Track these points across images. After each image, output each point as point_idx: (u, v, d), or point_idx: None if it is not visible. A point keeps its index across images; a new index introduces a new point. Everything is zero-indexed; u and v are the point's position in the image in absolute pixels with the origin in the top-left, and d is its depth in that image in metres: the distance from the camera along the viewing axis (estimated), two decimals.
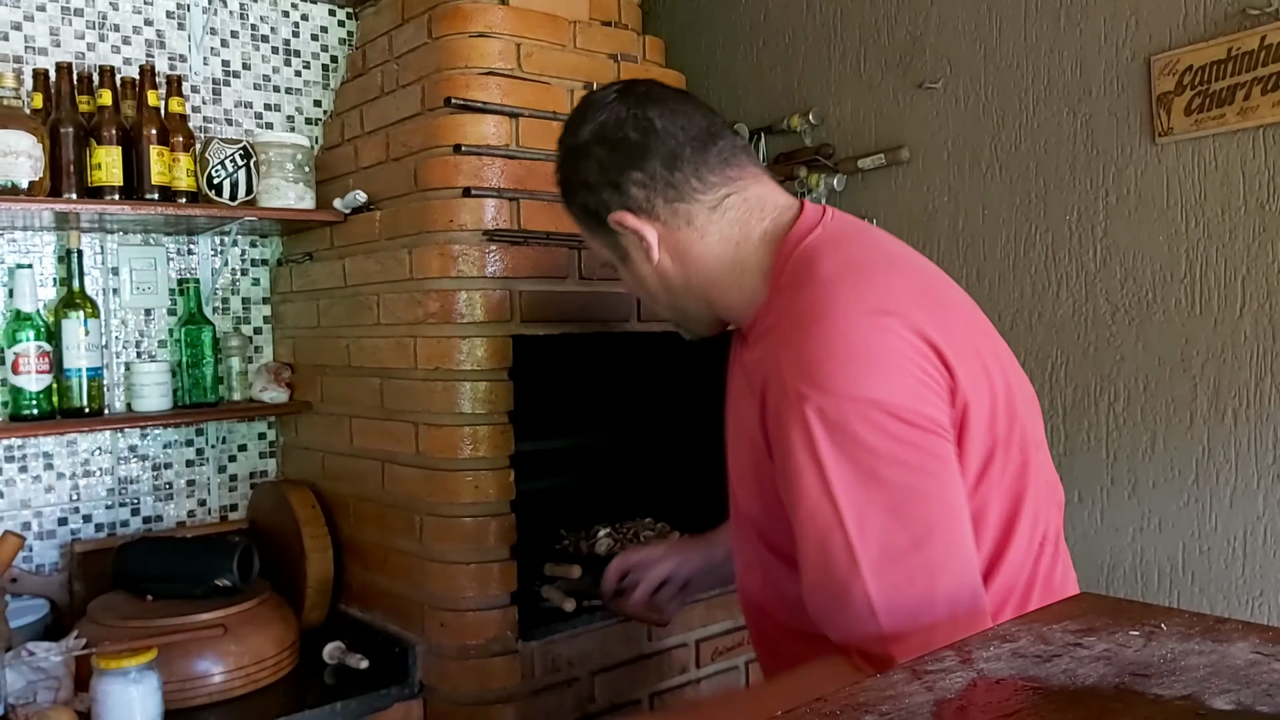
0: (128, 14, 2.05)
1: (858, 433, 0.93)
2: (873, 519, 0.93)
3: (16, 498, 1.92)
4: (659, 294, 1.18)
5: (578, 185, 1.16)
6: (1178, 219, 1.71)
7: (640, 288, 1.20)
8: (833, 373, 0.94)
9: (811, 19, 2.29)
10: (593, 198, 1.14)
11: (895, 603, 0.93)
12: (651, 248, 1.13)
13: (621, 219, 1.12)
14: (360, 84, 2.14)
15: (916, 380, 0.96)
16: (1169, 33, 1.70)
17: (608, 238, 1.16)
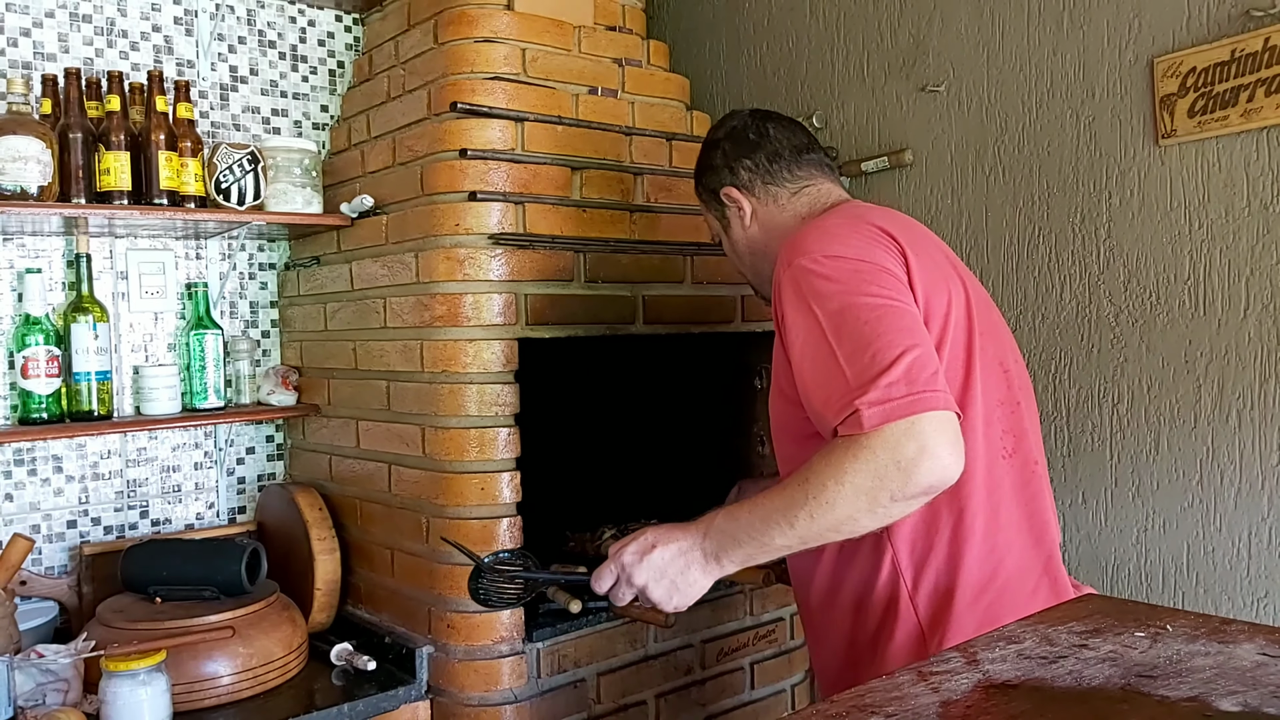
0: (136, 20, 2.06)
1: (829, 272, 1.20)
2: (844, 324, 1.15)
3: (26, 500, 1.93)
4: (746, 256, 1.51)
5: (705, 169, 1.52)
6: (1181, 221, 1.71)
7: (734, 251, 1.53)
8: (809, 244, 1.25)
9: (815, 23, 2.29)
10: (714, 178, 1.50)
11: (863, 375, 1.11)
12: (746, 215, 1.48)
13: (729, 192, 1.48)
14: (367, 89, 2.15)
15: (878, 247, 1.25)
16: (1172, 35, 1.70)
17: (718, 210, 1.51)
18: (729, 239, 1.53)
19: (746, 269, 1.55)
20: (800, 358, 1.20)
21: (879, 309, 1.16)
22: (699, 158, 1.55)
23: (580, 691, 1.83)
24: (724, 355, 2.32)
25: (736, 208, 1.49)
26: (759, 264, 1.50)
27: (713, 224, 1.56)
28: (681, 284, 2.05)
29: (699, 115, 2.23)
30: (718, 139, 1.52)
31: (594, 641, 1.85)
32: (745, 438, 2.35)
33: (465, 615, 1.74)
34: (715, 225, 1.56)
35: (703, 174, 1.54)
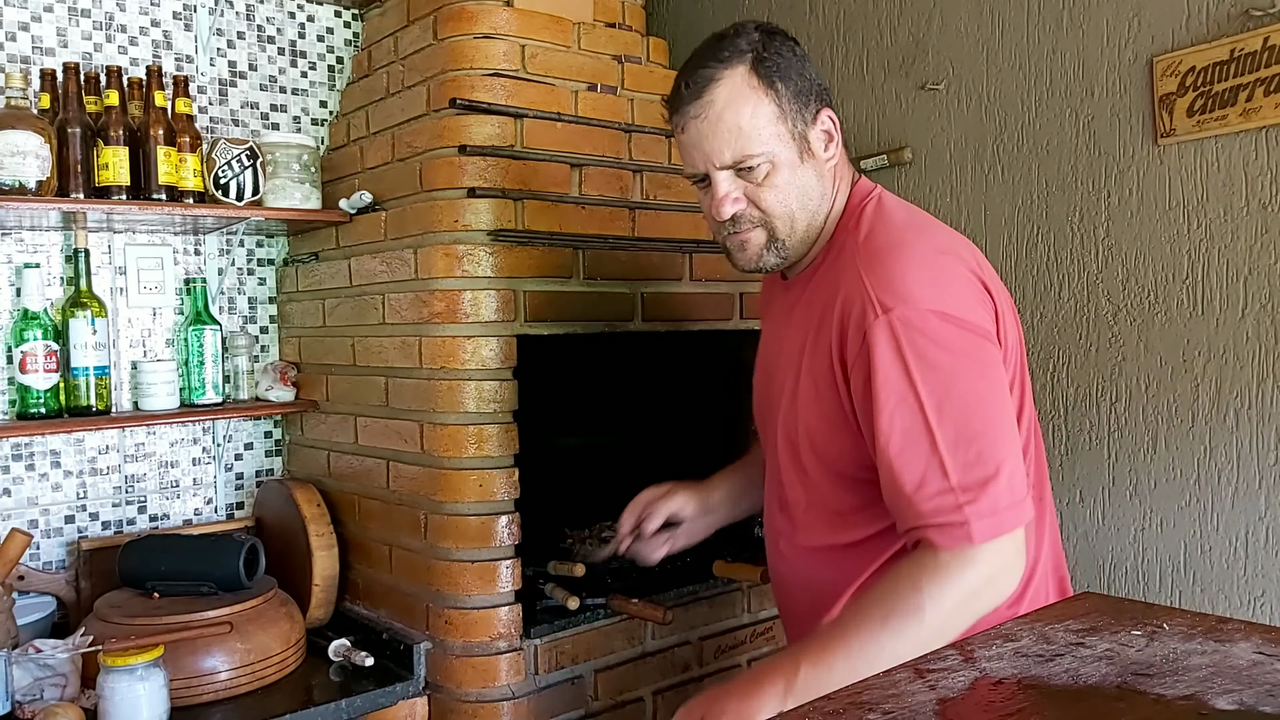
0: (134, 15, 2.06)
1: (940, 338, 1.11)
2: (949, 407, 1.09)
3: (24, 496, 1.93)
4: (809, 199, 1.26)
5: (797, 72, 1.23)
6: (1180, 220, 1.72)
7: (795, 191, 1.24)
8: (911, 288, 1.13)
9: (815, 20, 2.29)
10: (809, 86, 1.24)
11: (968, 477, 1.08)
12: (837, 153, 1.27)
13: (831, 115, 1.27)
14: (366, 85, 2.15)
15: (981, 305, 1.17)
16: (1171, 34, 1.70)
17: (795, 129, 1.22)
18: (794, 176, 1.22)
19: (800, 215, 1.25)
20: (890, 425, 1.10)
21: (986, 398, 1.11)
22: (770, 46, 1.21)
23: (578, 688, 1.84)
24: (722, 352, 2.32)
25: (827, 138, 1.26)
26: (812, 217, 1.26)
27: (771, 145, 1.20)
28: (680, 281, 2.05)
29: None
30: (799, 48, 1.26)
31: (592, 638, 1.85)
32: (744, 435, 2.35)
33: (463, 611, 1.74)
34: (776, 148, 1.20)
35: (788, 73, 1.21)
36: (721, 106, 1.19)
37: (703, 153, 1.22)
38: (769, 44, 1.22)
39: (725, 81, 1.19)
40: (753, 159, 1.20)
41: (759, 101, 1.20)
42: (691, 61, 1.24)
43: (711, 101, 1.19)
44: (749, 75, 1.20)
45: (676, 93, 1.24)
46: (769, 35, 1.23)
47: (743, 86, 1.19)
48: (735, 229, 1.25)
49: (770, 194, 1.22)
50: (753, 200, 1.23)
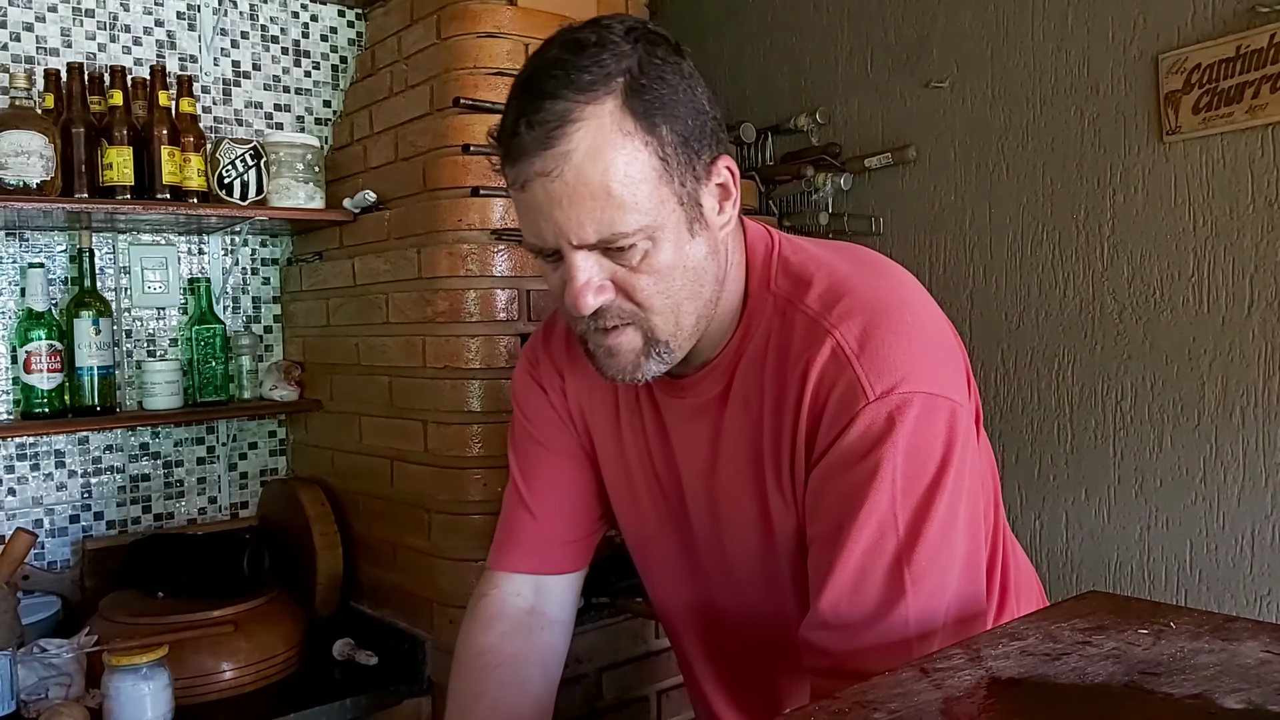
0: (138, 15, 2.06)
1: (931, 436, 0.86)
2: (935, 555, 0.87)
3: (29, 495, 1.93)
4: (701, 284, 0.90)
5: (687, 104, 0.86)
6: (1185, 218, 1.71)
7: (682, 275, 0.89)
8: (920, 364, 0.88)
9: (819, 18, 2.29)
10: (701, 125, 0.87)
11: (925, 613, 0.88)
12: (732, 214, 0.92)
13: (730, 165, 0.90)
14: (370, 84, 2.14)
15: (960, 368, 0.93)
16: (1177, 31, 1.70)
17: (685, 188, 0.86)
18: (677, 252, 0.87)
19: (667, 311, 0.89)
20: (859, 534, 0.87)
21: (972, 544, 0.91)
22: (652, 72, 0.84)
23: (583, 687, 1.84)
24: None
25: (723, 195, 0.91)
26: (708, 305, 0.92)
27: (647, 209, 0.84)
28: None
29: None
30: (689, 66, 0.88)
31: (597, 637, 1.85)
32: None
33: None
34: (660, 218, 0.85)
35: (674, 108, 0.85)
36: (581, 161, 0.82)
37: (553, 224, 0.85)
38: (648, 62, 0.84)
39: (588, 124, 0.82)
40: (626, 237, 0.84)
41: (635, 154, 0.83)
42: (533, 83, 0.84)
43: (567, 154, 0.82)
44: (621, 115, 0.82)
45: (512, 133, 0.84)
46: (649, 45, 0.86)
47: (612, 132, 0.82)
48: (599, 324, 0.89)
49: (648, 282, 0.87)
50: (624, 290, 0.87)
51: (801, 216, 2.29)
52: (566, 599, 1.20)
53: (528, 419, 1.17)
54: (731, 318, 0.97)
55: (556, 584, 1.18)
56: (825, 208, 2.24)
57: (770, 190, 2.34)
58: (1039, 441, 1.93)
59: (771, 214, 2.32)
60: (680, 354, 0.93)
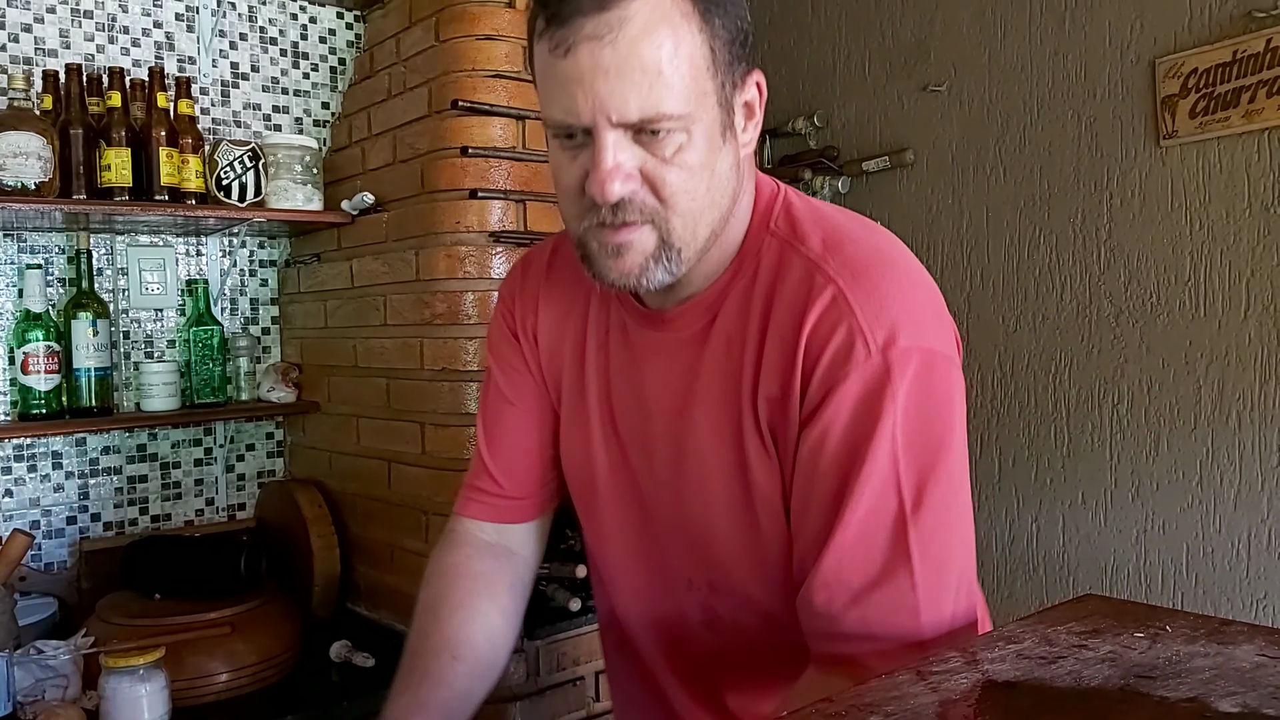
0: (137, 16, 2.06)
1: (951, 415, 0.84)
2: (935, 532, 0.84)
3: (26, 496, 1.93)
4: (721, 196, 0.86)
5: (737, 10, 0.84)
6: (1182, 222, 1.71)
7: (710, 180, 0.84)
8: (920, 315, 0.85)
9: (816, 22, 2.29)
10: (745, 35, 0.85)
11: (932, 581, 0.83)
12: (754, 136, 0.89)
13: (760, 82, 0.87)
14: (368, 86, 2.15)
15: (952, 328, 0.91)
16: (1174, 36, 1.70)
17: (725, 90, 0.83)
18: (709, 154, 0.83)
19: (709, 214, 0.86)
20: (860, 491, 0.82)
21: (965, 509, 0.88)
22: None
23: (579, 690, 1.83)
24: None
25: (749, 111, 0.87)
26: (720, 217, 0.87)
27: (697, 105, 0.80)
28: None
29: None
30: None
31: (593, 640, 1.85)
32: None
33: None
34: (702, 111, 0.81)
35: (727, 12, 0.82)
36: (638, 32, 0.77)
37: (594, 96, 0.79)
38: None
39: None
40: (667, 121, 0.79)
41: (691, 37, 0.79)
42: None
43: (624, 21, 0.77)
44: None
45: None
46: None
47: (671, 10, 0.78)
48: (617, 218, 0.83)
49: (678, 177, 0.82)
50: (651, 182, 0.82)
51: None
52: (532, 538, 1.16)
53: (499, 370, 1.11)
54: (728, 252, 0.92)
55: (521, 528, 1.15)
56: None
57: None
58: (1036, 445, 1.94)
59: None
60: (687, 266, 0.87)
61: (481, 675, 1.05)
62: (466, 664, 1.04)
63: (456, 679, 1.03)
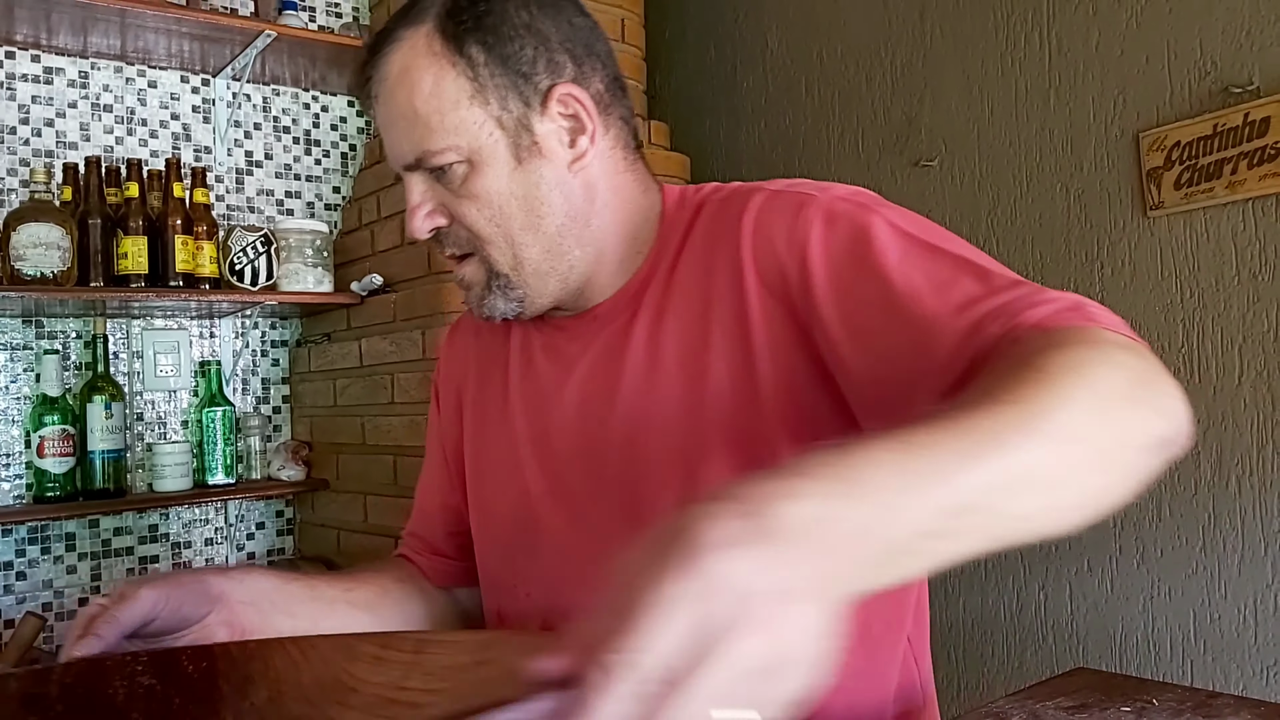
0: (155, 109, 2.15)
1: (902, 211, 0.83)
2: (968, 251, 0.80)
3: (39, 578, 1.96)
4: (543, 217, 0.85)
5: (519, 30, 0.84)
6: (1173, 290, 1.74)
7: (512, 203, 0.84)
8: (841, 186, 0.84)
9: (810, 101, 2.36)
10: (538, 53, 0.84)
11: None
12: (590, 151, 0.86)
13: (576, 96, 0.85)
14: (377, 171, 2.22)
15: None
16: (1156, 110, 1.75)
17: (506, 113, 0.83)
18: (502, 179, 0.83)
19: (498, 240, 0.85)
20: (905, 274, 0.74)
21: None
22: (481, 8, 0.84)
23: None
24: None
25: (572, 126, 0.86)
26: (566, 241, 0.87)
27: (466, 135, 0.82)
28: None
29: None
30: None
31: None
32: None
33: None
34: (476, 140, 0.82)
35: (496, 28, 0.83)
36: (393, 83, 0.83)
37: (388, 146, 0.87)
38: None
39: (403, 47, 0.84)
40: (436, 156, 0.83)
41: (441, 74, 0.82)
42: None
43: (385, 75, 0.84)
44: (431, 37, 0.83)
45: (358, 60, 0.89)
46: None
47: (420, 53, 0.83)
48: (445, 251, 0.89)
49: (472, 208, 0.84)
50: (454, 216, 0.85)
51: None
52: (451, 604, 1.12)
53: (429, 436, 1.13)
54: (637, 252, 0.91)
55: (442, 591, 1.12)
56: None
57: None
58: None
59: None
60: (530, 291, 0.88)
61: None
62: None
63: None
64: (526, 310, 0.89)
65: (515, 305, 0.88)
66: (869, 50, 2.23)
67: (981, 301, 0.70)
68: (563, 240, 0.87)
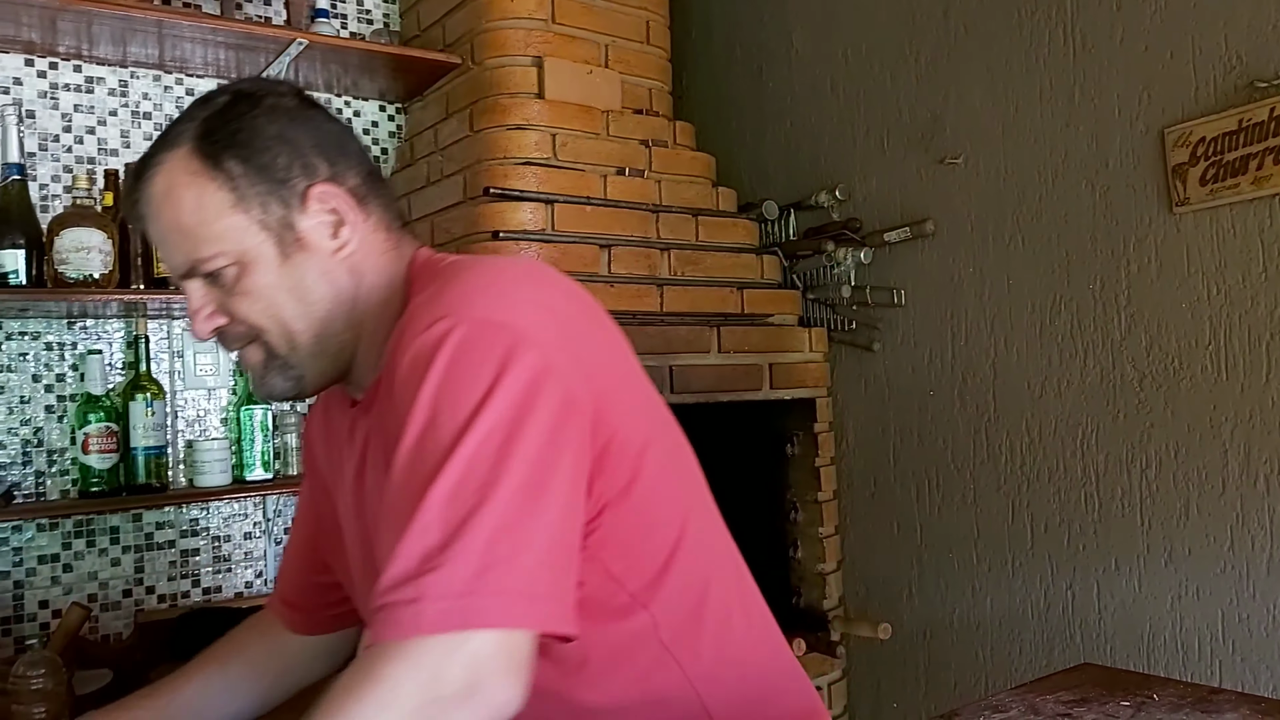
0: None
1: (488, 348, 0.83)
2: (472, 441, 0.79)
3: (85, 570, 2.02)
4: (314, 304, 0.94)
5: (271, 141, 0.92)
6: (1199, 286, 1.73)
7: (284, 295, 0.93)
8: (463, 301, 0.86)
9: (836, 100, 2.37)
10: (291, 160, 0.92)
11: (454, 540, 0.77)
12: (351, 239, 0.94)
13: (332, 193, 0.93)
14: (408, 174, 2.26)
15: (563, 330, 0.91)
16: (1181, 106, 1.74)
17: (270, 216, 0.92)
18: (272, 275, 0.92)
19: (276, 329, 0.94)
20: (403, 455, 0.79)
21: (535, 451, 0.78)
22: (226, 110, 0.93)
23: None
24: (753, 422, 2.36)
25: (332, 220, 0.94)
26: (333, 327, 0.95)
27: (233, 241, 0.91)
28: (709, 353, 2.10)
29: (725, 191, 2.30)
30: (279, 97, 0.95)
31: None
32: (777, 503, 2.37)
33: None
34: (243, 244, 0.91)
35: (248, 143, 0.92)
36: (159, 202, 0.92)
37: (163, 257, 0.97)
38: (230, 110, 0.93)
39: (164, 169, 0.92)
40: (207, 262, 0.91)
41: (202, 189, 0.90)
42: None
43: (150, 197, 0.93)
44: (189, 157, 0.91)
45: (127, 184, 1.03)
46: (237, 99, 0.94)
47: (181, 173, 0.91)
48: (228, 346, 0.98)
49: (246, 304, 0.93)
50: (232, 313, 0.94)
51: (824, 289, 2.34)
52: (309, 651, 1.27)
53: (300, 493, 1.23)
54: (384, 338, 0.95)
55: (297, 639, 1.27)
56: (847, 280, 2.29)
57: (793, 264, 2.40)
58: (1066, 510, 1.94)
59: (795, 287, 2.37)
60: (306, 371, 0.96)
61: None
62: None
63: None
64: (304, 388, 0.98)
65: (293, 384, 0.97)
66: (893, 48, 2.23)
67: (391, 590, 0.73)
68: (332, 323, 0.95)
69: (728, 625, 0.97)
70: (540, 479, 0.77)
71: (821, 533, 2.29)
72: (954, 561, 2.14)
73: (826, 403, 2.34)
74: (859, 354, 2.32)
